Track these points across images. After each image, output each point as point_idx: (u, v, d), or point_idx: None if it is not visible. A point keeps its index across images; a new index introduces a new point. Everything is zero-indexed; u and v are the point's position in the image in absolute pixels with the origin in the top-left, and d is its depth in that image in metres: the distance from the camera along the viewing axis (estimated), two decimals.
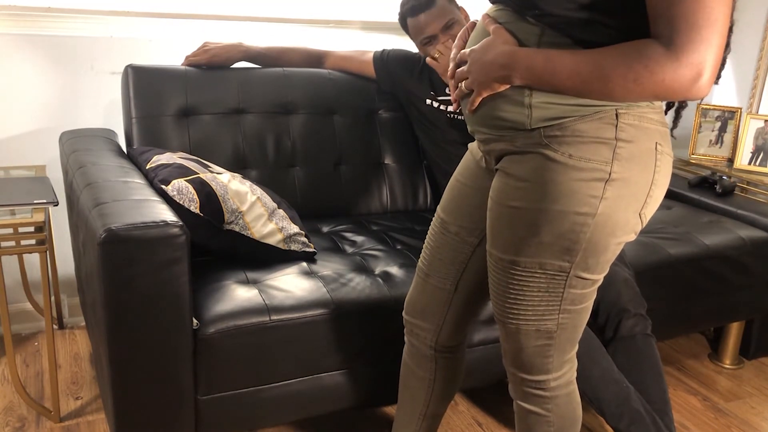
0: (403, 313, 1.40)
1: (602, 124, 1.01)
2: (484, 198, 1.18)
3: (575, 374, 1.23)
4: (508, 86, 1.04)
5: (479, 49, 1.07)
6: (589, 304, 1.15)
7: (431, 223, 1.33)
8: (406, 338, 1.41)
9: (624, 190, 1.03)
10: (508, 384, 1.26)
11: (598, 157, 1.01)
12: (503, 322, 1.17)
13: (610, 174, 1.02)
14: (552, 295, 1.10)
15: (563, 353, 1.17)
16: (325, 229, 1.97)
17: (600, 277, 1.12)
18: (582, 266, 1.07)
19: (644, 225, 1.10)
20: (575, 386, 1.23)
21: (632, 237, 1.10)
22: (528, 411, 1.23)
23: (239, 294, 1.49)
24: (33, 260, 2.16)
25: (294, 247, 1.69)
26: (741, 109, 2.76)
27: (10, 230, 1.80)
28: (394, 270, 1.67)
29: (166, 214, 1.35)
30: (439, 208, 1.32)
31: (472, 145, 1.27)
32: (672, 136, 1.12)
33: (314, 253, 1.73)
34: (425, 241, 1.34)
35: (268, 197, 1.71)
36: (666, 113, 1.11)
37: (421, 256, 1.34)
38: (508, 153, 1.09)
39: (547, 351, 1.16)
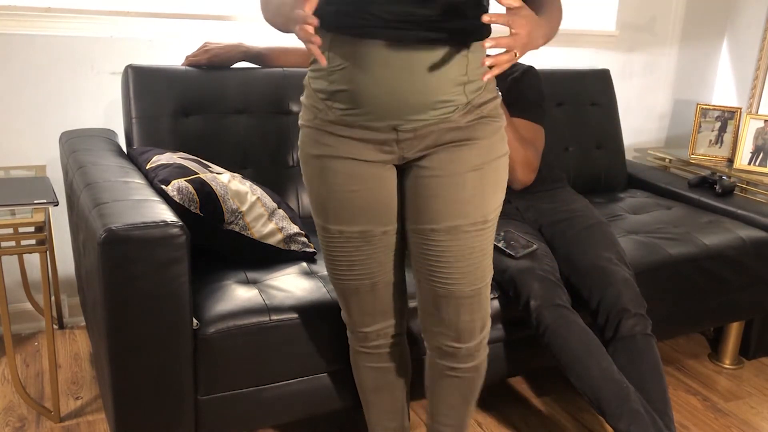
0: (360, 329, 1.36)
1: (491, 87, 1.21)
2: (390, 192, 1.23)
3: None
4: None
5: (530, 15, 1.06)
6: None
7: (330, 245, 1.27)
8: (366, 351, 1.39)
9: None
10: (441, 364, 1.34)
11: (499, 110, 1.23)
12: (469, 297, 1.22)
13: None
14: (490, 243, 1.24)
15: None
16: None
17: None
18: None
19: None
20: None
21: None
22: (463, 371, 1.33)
23: (239, 294, 1.49)
24: (33, 260, 2.16)
25: (294, 247, 1.69)
26: (741, 109, 2.76)
27: (10, 230, 1.80)
28: None
29: (166, 214, 1.35)
30: (339, 226, 1.24)
31: (355, 154, 1.19)
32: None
33: (314, 253, 1.73)
34: (341, 263, 1.27)
35: (268, 197, 1.71)
36: None
37: (348, 277, 1.29)
38: (453, 129, 1.17)
39: (487, 305, 1.28)
